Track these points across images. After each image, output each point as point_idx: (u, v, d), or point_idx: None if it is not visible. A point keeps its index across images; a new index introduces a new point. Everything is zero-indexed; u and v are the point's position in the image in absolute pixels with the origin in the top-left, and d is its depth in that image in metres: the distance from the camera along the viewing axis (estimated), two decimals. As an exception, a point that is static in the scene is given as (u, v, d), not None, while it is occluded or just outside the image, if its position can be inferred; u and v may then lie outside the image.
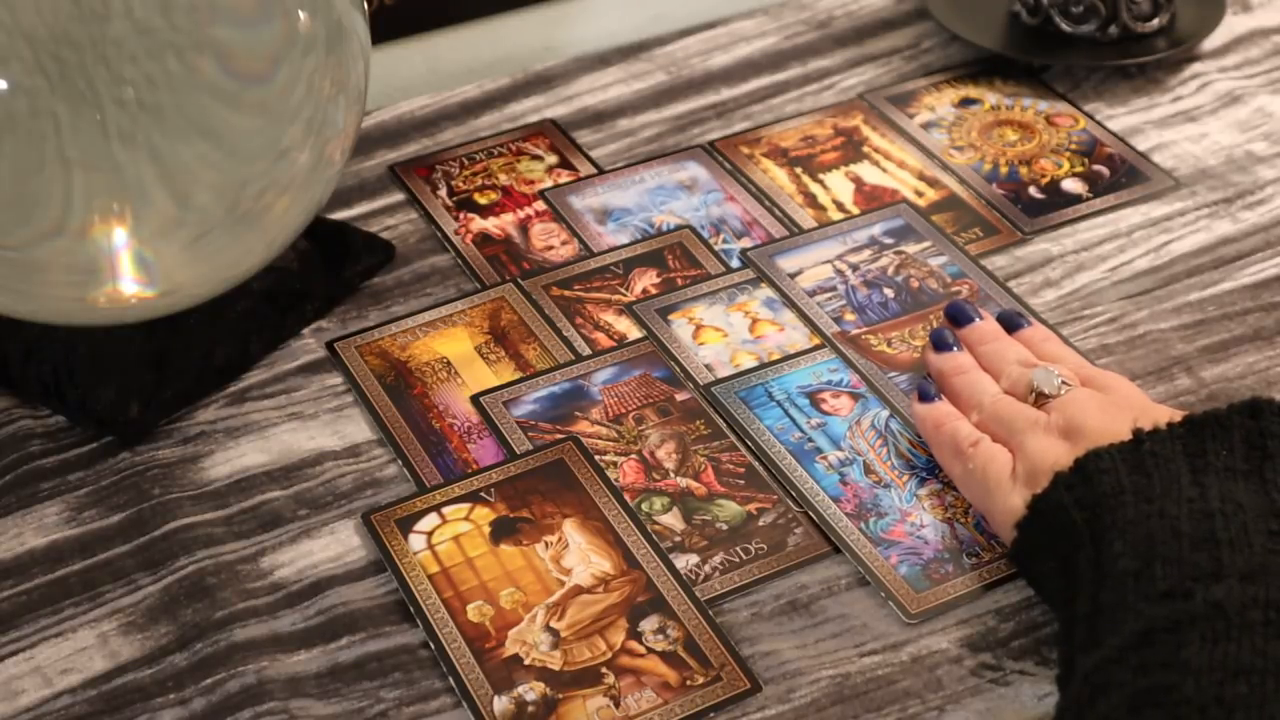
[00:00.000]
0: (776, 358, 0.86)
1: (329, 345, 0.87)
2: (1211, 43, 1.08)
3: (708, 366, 0.85)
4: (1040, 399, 0.75)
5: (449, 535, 0.76)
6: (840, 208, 0.96)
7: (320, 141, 0.79)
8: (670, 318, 0.88)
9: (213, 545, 0.77)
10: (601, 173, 1.00)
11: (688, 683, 0.69)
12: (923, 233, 0.93)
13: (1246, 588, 0.60)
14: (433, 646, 0.71)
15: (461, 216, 0.97)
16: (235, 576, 0.75)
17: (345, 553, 0.76)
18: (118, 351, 0.83)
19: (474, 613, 0.73)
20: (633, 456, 0.80)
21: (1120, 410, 0.72)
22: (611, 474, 0.79)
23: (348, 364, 0.86)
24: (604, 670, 0.70)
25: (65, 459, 0.82)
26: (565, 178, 1.00)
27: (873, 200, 0.96)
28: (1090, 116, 1.02)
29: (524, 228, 0.96)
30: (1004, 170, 0.99)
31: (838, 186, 0.98)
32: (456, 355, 0.86)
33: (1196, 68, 1.06)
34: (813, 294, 0.89)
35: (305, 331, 0.89)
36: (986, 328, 0.82)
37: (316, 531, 0.78)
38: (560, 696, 0.69)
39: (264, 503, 0.79)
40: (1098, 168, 0.98)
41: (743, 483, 0.79)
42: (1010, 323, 0.82)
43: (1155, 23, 1.06)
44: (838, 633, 0.72)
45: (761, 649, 0.71)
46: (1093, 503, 0.67)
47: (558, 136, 1.03)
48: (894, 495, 0.77)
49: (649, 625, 0.72)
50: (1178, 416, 0.70)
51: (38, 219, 0.75)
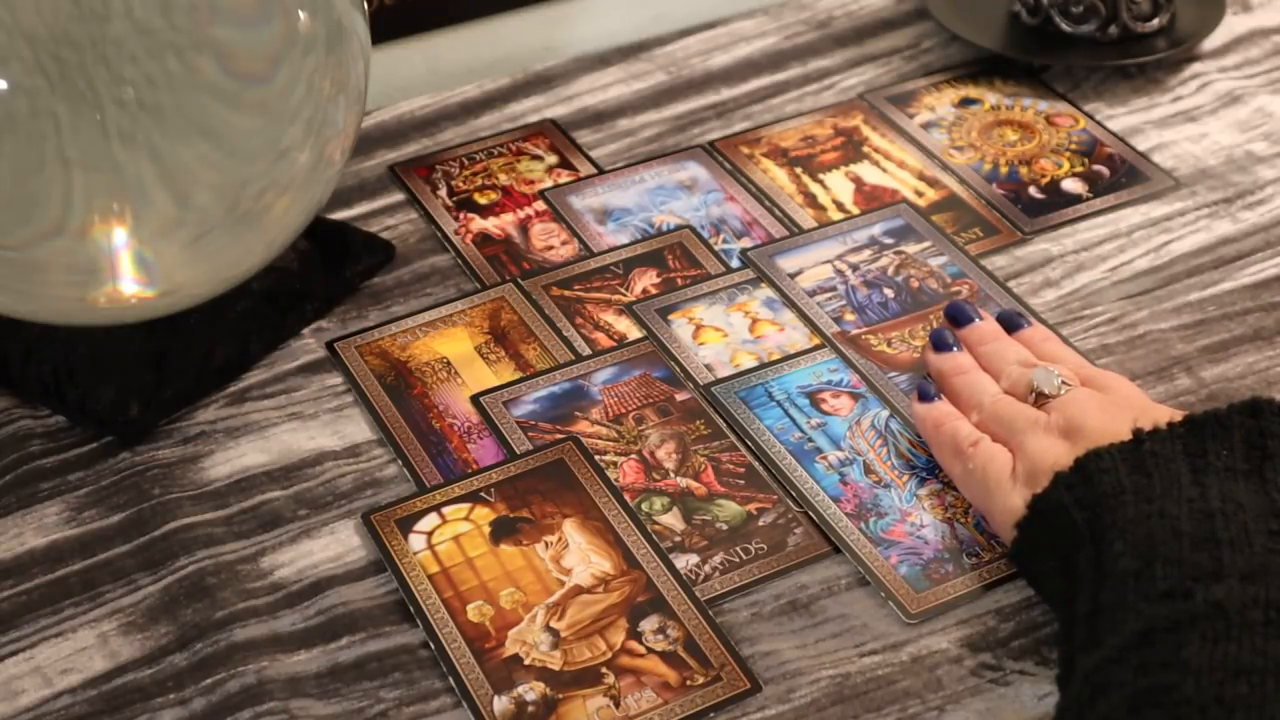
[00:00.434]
0: (776, 358, 0.85)
1: (329, 345, 0.87)
2: (1211, 43, 1.08)
3: (708, 366, 0.85)
4: (1040, 399, 0.75)
5: (449, 535, 0.76)
6: (840, 208, 0.96)
7: (320, 141, 0.79)
8: (670, 318, 0.88)
9: (213, 545, 0.77)
10: (601, 173, 1.00)
11: (688, 683, 0.69)
12: (923, 233, 0.93)
13: (1247, 587, 0.60)
14: (433, 646, 0.71)
15: (461, 216, 0.97)
16: (235, 576, 0.75)
17: (345, 553, 0.76)
18: (118, 351, 0.83)
19: (474, 613, 0.72)
20: (633, 456, 0.80)
21: (1120, 410, 0.72)
22: (611, 474, 0.79)
23: (348, 364, 0.86)
24: (604, 670, 0.70)
25: (65, 459, 0.82)
26: (565, 178, 1.00)
27: (873, 200, 0.96)
28: (1090, 116, 1.02)
29: (524, 228, 0.96)
30: (1004, 170, 0.99)
31: (838, 186, 0.98)
32: (456, 355, 0.86)
33: (1196, 68, 1.06)
34: (813, 294, 0.89)
35: (305, 331, 0.89)
36: (986, 328, 0.82)
37: (316, 531, 0.78)
38: (560, 696, 0.69)
39: (264, 503, 0.79)
40: (1098, 168, 0.98)
41: (743, 483, 0.79)
42: (1010, 323, 0.82)
43: (1155, 23, 1.06)
44: (838, 633, 0.72)
45: (761, 649, 0.71)
46: (1093, 502, 0.67)
47: (558, 136, 1.03)
48: (894, 495, 0.77)
49: (649, 625, 0.72)
50: (1178, 416, 0.70)
51: (38, 219, 0.75)
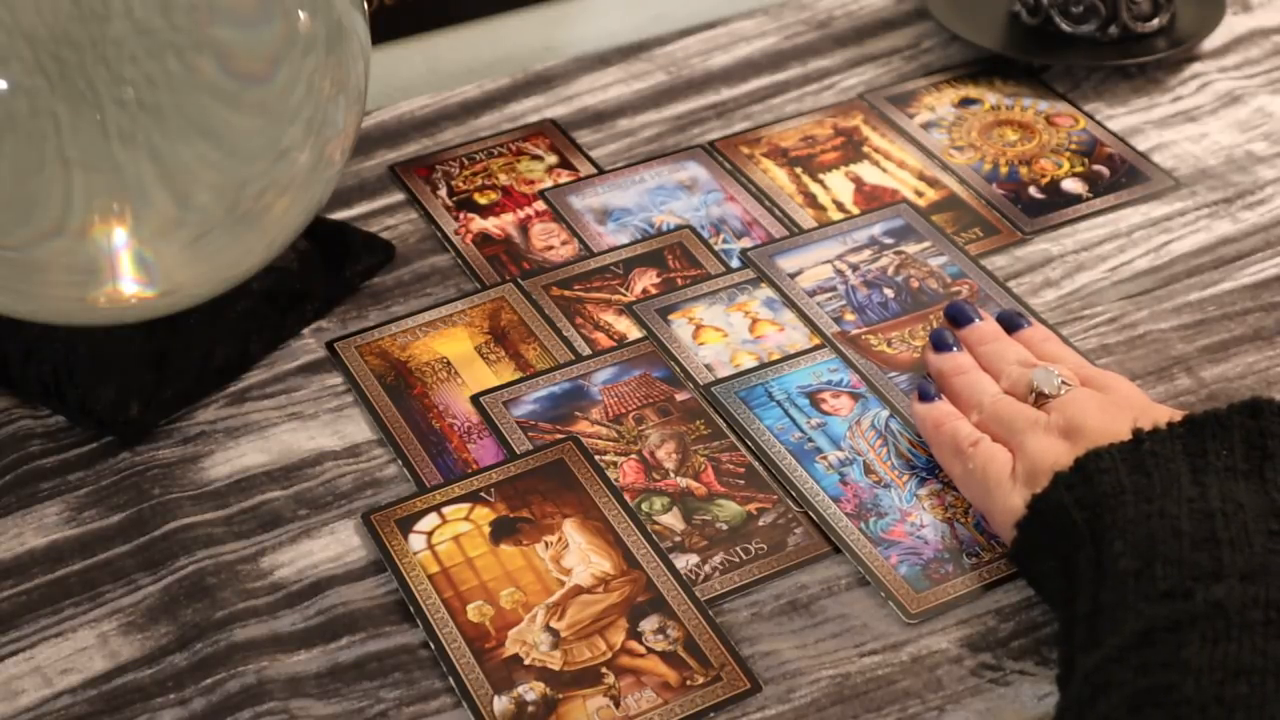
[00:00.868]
0: (776, 358, 0.85)
1: (329, 345, 0.87)
2: (1211, 43, 1.08)
3: (708, 366, 0.85)
4: (1040, 399, 0.75)
5: (449, 535, 0.76)
6: (840, 208, 0.96)
7: (320, 141, 0.79)
8: (670, 318, 0.88)
9: (213, 545, 0.77)
10: (601, 173, 1.00)
11: (688, 683, 0.69)
12: (923, 233, 0.93)
13: (1247, 587, 0.60)
14: (433, 646, 0.71)
15: (461, 216, 0.97)
16: (235, 576, 0.75)
17: (345, 553, 0.76)
18: (118, 351, 0.83)
19: (474, 613, 0.72)
20: (633, 456, 0.80)
21: (1120, 410, 0.72)
22: (611, 474, 0.79)
23: (348, 364, 0.86)
24: (604, 670, 0.70)
25: (65, 459, 0.82)
26: (565, 178, 1.00)
27: (873, 200, 0.96)
28: (1090, 116, 1.02)
29: (524, 228, 0.96)
30: (1004, 170, 0.99)
31: (838, 186, 0.98)
32: (456, 355, 0.86)
33: (1196, 68, 1.06)
34: (813, 294, 0.89)
35: (305, 331, 0.89)
36: (986, 328, 0.82)
37: (316, 531, 0.78)
38: (560, 696, 0.69)
39: (264, 503, 0.79)
40: (1098, 168, 0.98)
41: (743, 483, 0.79)
42: (1010, 323, 0.82)
43: (1155, 23, 1.06)
44: (838, 633, 0.72)
45: (761, 649, 0.71)
46: (1093, 502, 0.67)
47: (558, 136, 1.03)
48: (894, 495, 0.77)
49: (649, 625, 0.72)
50: (1178, 416, 0.70)
51: (38, 219, 0.75)
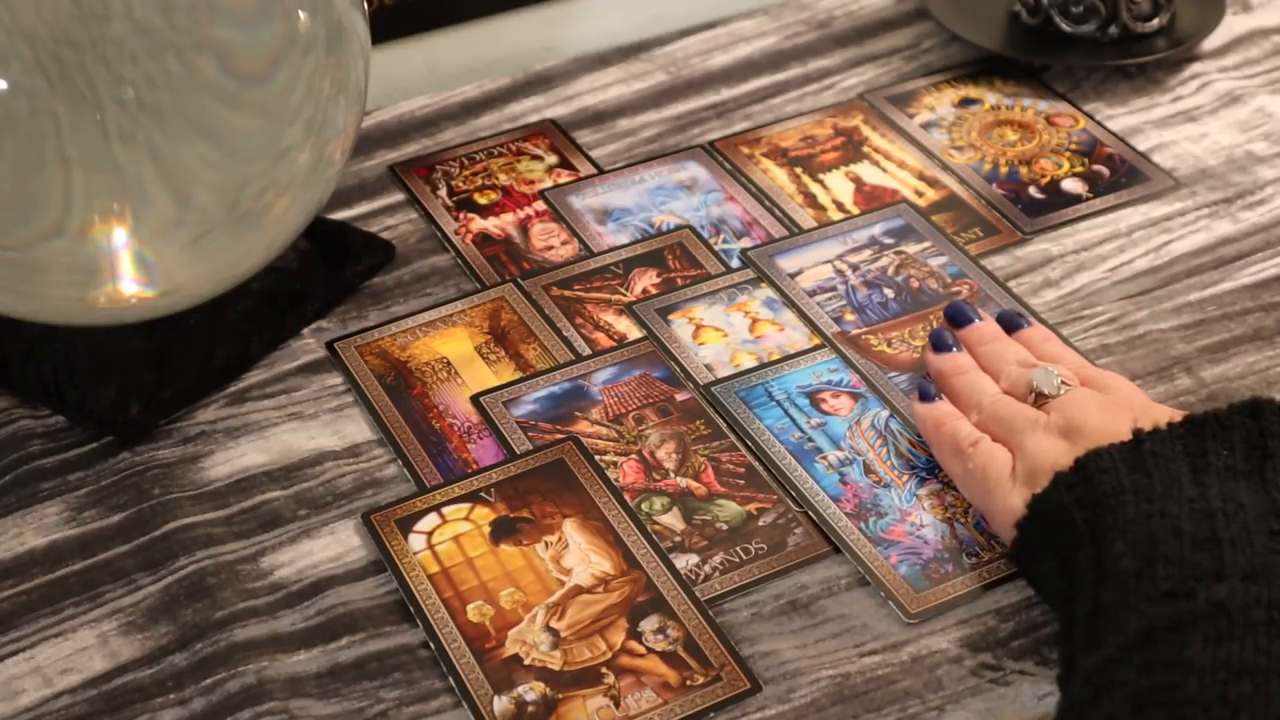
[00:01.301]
0: (776, 358, 0.85)
1: (329, 345, 0.87)
2: (1211, 43, 1.08)
3: (708, 366, 0.85)
4: (1040, 399, 0.75)
5: (449, 535, 0.76)
6: (840, 208, 0.96)
7: (320, 141, 0.79)
8: (670, 318, 0.88)
9: (213, 545, 0.77)
10: (601, 173, 1.00)
11: (688, 683, 0.69)
12: (923, 233, 0.93)
13: (1249, 587, 0.60)
14: (433, 646, 0.71)
15: (461, 216, 0.96)
16: (235, 576, 0.75)
17: (345, 553, 0.76)
18: (118, 351, 0.83)
19: (474, 613, 0.72)
20: (633, 456, 0.80)
21: (1120, 410, 0.72)
22: (611, 474, 0.79)
23: (348, 364, 0.86)
24: (604, 670, 0.70)
25: (65, 459, 0.82)
26: (565, 178, 1.00)
27: (873, 200, 0.96)
28: (1090, 116, 1.02)
29: (524, 228, 0.96)
30: (1004, 170, 0.99)
31: (838, 186, 0.98)
32: (456, 355, 0.86)
33: (1196, 68, 1.06)
34: (813, 294, 0.89)
35: (305, 331, 0.89)
36: (986, 328, 0.82)
37: (316, 531, 0.78)
38: (560, 696, 0.69)
39: (264, 503, 0.79)
40: (1098, 168, 0.98)
41: (743, 483, 0.79)
42: (1010, 323, 0.82)
43: (1155, 23, 1.06)
44: (838, 633, 0.72)
45: (761, 649, 0.71)
46: (1093, 502, 0.67)
47: (558, 136, 1.03)
48: (894, 495, 0.77)
49: (649, 625, 0.72)
50: (1178, 416, 0.70)
51: (38, 219, 0.74)
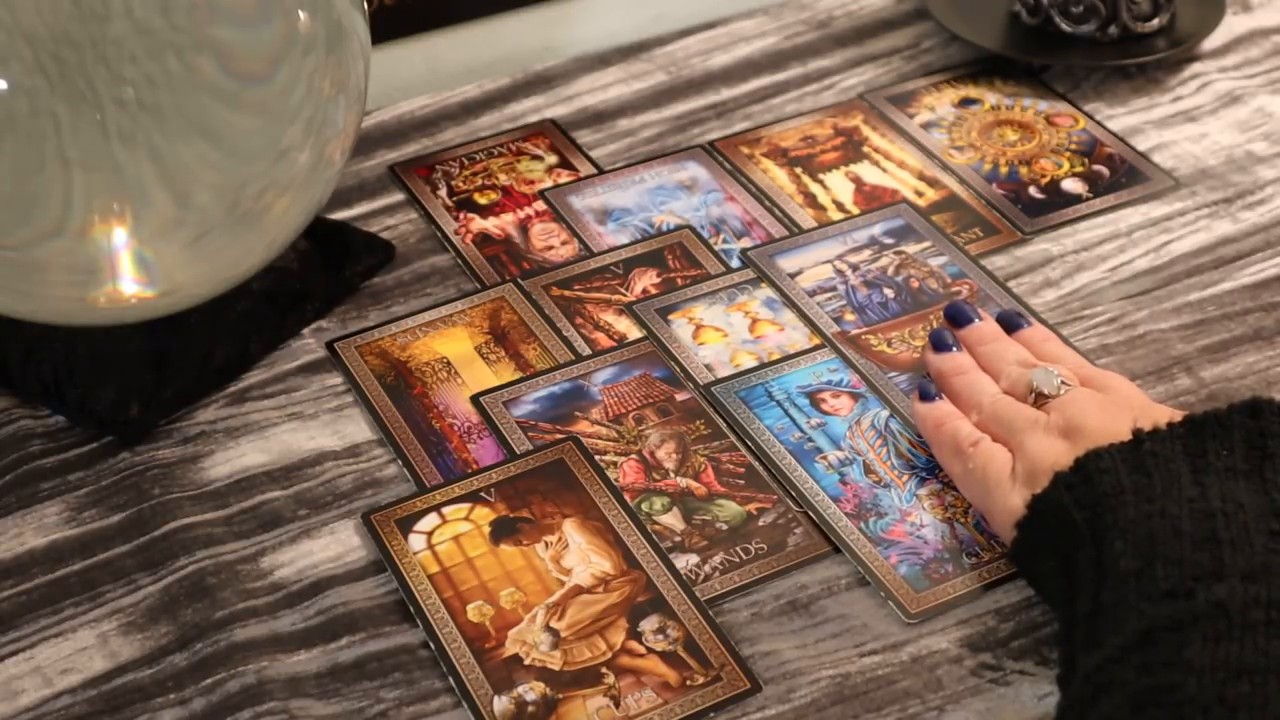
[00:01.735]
0: (776, 358, 0.85)
1: (329, 345, 0.87)
2: (1211, 43, 1.08)
3: (708, 366, 0.85)
4: (1040, 399, 0.75)
5: (449, 535, 0.76)
6: (840, 208, 0.96)
7: (320, 141, 0.79)
8: (670, 318, 0.88)
9: (213, 545, 0.77)
10: (601, 173, 1.00)
11: (688, 683, 0.69)
12: (923, 233, 0.93)
13: (1248, 587, 0.60)
14: (433, 646, 0.71)
15: (461, 216, 0.96)
16: (235, 576, 0.75)
17: (345, 553, 0.76)
18: (118, 351, 0.83)
19: (474, 613, 0.72)
20: (633, 456, 0.80)
21: (1120, 410, 0.72)
22: (611, 474, 0.79)
23: (348, 364, 0.86)
24: (604, 670, 0.70)
25: (65, 459, 0.82)
26: (565, 178, 1.00)
27: (873, 200, 0.96)
28: (1090, 116, 1.02)
29: (524, 228, 0.96)
30: (1004, 170, 0.99)
31: (838, 186, 0.98)
32: (456, 355, 0.86)
33: (1196, 68, 1.06)
34: (813, 294, 0.89)
35: (305, 331, 0.89)
36: (986, 328, 0.82)
37: (316, 531, 0.78)
38: (560, 696, 0.69)
39: (264, 503, 0.79)
40: (1098, 168, 0.98)
41: (743, 483, 0.79)
42: (1010, 323, 0.82)
43: (1155, 23, 1.06)
44: (838, 633, 0.72)
45: (761, 649, 0.71)
46: (1093, 502, 0.67)
47: (558, 136, 1.03)
48: (894, 495, 0.77)
49: (649, 625, 0.72)
50: (1178, 416, 0.70)
51: (38, 219, 0.74)
